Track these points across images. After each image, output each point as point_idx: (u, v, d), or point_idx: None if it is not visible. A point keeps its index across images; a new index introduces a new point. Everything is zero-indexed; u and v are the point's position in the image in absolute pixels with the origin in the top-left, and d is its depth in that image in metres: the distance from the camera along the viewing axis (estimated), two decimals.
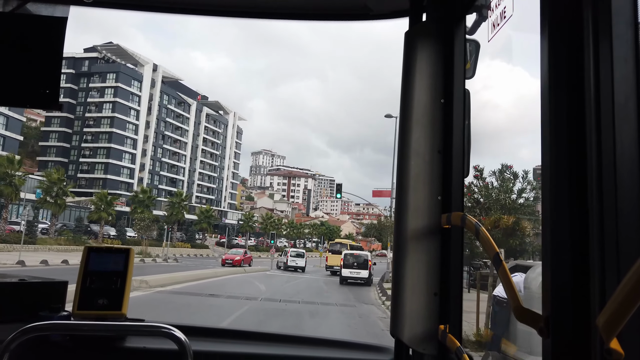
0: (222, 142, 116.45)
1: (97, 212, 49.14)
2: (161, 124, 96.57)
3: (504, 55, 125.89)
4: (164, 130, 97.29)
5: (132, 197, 57.99)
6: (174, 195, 63.01)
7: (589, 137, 0.86)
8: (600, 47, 0.86)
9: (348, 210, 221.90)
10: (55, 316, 1.82)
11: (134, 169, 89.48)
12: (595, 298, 0.83)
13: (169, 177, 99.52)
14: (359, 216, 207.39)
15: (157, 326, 1.54)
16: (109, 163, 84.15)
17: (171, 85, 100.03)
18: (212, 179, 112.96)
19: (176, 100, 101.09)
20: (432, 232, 1.57)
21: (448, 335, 1.44)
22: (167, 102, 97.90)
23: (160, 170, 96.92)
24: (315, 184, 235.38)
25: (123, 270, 1.88)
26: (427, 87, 1.62)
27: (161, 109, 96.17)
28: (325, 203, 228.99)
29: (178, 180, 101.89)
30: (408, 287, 1.55)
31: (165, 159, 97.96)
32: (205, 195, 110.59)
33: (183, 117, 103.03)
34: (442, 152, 1.61)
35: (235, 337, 2.14)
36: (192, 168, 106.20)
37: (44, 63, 1.69)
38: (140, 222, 51.37)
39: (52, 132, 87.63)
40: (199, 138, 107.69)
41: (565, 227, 0.88)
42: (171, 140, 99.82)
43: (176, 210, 60.24)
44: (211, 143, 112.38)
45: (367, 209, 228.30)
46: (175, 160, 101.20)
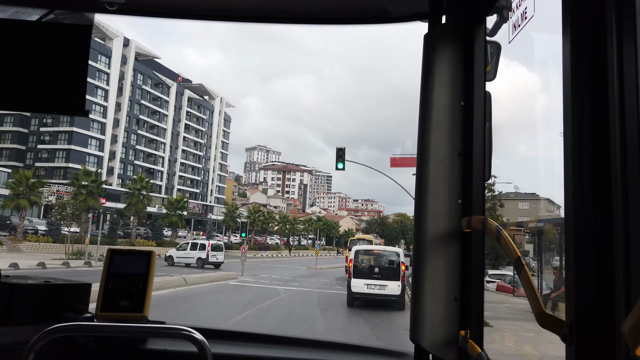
0: (208, 130, 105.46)
1: (12, 200, 37.28)
2: (135, 106, 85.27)
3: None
4: (138, 114, 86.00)
5: (72, 181, 45.73)
6: (132, 182, 50.85)
7: (613, 140, 0.84)
8: (624, 48, 0.84)
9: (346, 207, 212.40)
10: (79, 317, 1.87)
11: (102, 157, 78.28)
12: (621, 303, 0.81)
13: (146, 168, 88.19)
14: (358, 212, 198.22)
15: (177, 328, 1.57)
16: (71, 150, 72.79)
17: (147, 63, 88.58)
18: (196, 170, 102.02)
19: (153, 81, 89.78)
20: (452, 236, 1.56)
21: (469, 341, 1.43)
22: (141, 82, 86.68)
23: (134, 160, 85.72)
24: (312, 179, 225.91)
25: (145, 273, 1.92)
26: (447, 90, 1.62)
27: (135, 90, 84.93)
28: (322, 199, 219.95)
29: (156, 171, 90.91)
30: (428, 291, 1.55)
31: (140, 146, 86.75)
32: (189, 188, 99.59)
33: (161, 100, 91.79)
34: (463, 154, 1.59)
35: (253, 340, 2.16)
36: (172, 158, 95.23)
37: (70, 70, 1.74)
38: (60, 211, 39.03)
39: (5, 114, 75.82)
40: (180, 124, 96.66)
41: (588, 230, 0.87)
42: (147, 125, 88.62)
43: (135, 200, 48.38)
44: (195, 130, 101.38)
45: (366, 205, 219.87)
46: (153, 149, 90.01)
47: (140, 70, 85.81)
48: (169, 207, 57.76)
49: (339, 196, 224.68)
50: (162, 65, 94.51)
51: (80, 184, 43.72)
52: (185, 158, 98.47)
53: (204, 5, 2.07)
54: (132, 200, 49.17)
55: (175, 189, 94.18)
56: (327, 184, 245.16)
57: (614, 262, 0.83)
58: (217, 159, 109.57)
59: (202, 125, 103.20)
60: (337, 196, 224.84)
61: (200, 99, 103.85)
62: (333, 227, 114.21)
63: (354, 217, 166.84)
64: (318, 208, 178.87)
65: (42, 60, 1.74)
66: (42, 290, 2.02)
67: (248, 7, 2.05)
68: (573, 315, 0.87)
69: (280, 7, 2.02)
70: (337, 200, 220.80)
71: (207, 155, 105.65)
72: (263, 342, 2.15)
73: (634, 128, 0.82)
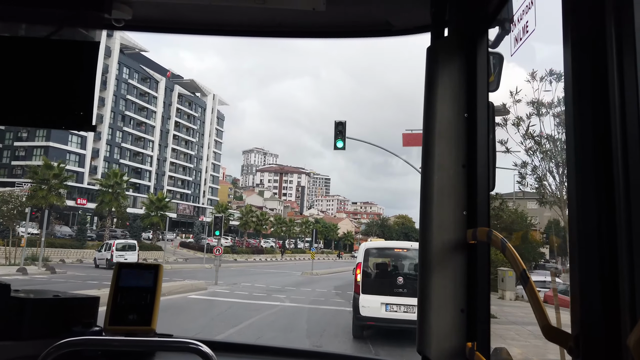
0: (200, 129, 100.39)
1: None
2: (120, 102, 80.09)
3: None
4: (124, 109, 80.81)
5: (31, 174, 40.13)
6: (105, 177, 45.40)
7: (615, 149, 0.85)
8: (625, 59, 0.85)
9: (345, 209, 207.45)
10: (88, 331, 1.89)
11: (84, 155, 72.87)
12: (626, 317, 0.81)
13: (133, 167, 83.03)
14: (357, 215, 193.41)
15: (185, 342, 1.58)
16: (50, 147, 67.40)
17: (133, 57, 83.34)
18: (187, 170, 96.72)
19: (140, 75, 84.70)
20: (457, 247, 1.57)
21: (476, 353, 1.44)
22: (127, 76, 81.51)
23: (120, 158, 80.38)
24: (310, 181, 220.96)
25: (153, 286, 1.94)
26: (451, 101, 1.63)
27: (120, 84, 79.80)
28: (320, 202, 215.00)
29: (144, 171, 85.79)
30: (434, 303, 1.55)
31: (126, 144, 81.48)
32: (180, 189, 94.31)
33: (149, 95, 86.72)
34: (467, 166, 1.61)
35: (261, 352, 2.16)
36: (162, 157, 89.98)
37: (78, 86, 1.78)
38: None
39: None
40: (169, 122, 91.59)
41: (593, 243, 0.87)
42: (134, 122, 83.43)
43: (109, 198, 43.00)
44: (186, 128, 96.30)
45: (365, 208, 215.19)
46: (141, 147, 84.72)
47: (125, 64, 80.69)
48: (149, 207, 52.37)
49: (337, 199, 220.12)
50: (149, 59, 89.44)
51: (40, 178, 38.12)
52: (175, 157, 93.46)
53: (210, 21, 2.10)
54: (104, 198, 43.78)
55: (165, 190, 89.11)
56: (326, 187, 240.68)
57: (619, 276, 0.83)
58: (210, 159, 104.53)
59: (193, 123, 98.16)
60: (335, 199, 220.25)
61: (192, 95, 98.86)
62: (332, 229, 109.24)
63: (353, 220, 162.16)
64: (316, 210, 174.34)
65: (50, 77, 1.77)
66: (51, 304, 2.03)
67: (253, 22, 2.10)
68: (579, 328, 0.86)
69: (284, 21, 2.06)
70: (335, 202, 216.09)
71: (199, 155, 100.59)
72: (271, 354, 2.15)
73: (635, 137, 0.82)
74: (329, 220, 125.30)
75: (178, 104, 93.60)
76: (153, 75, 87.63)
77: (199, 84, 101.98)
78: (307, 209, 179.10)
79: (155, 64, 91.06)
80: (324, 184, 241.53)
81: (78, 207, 63.15)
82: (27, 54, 1.77)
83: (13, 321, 1.87)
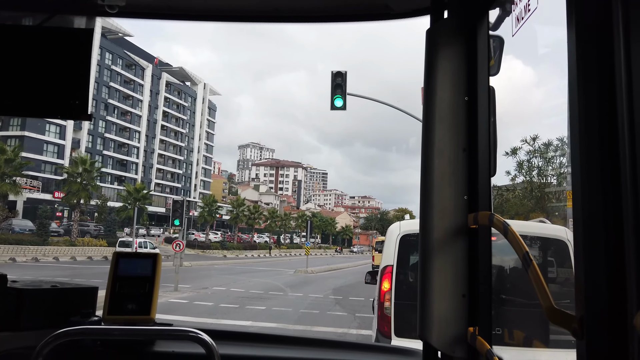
0: (190, 119, 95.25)
1: None
2: (103, 89, 74.82)
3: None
4: (107, 97, 75.49)
5: None
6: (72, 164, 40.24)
7: (622, 133, 0.84)
8: (632, 38, 0.83)
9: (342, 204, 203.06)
10: (87, 321, 1.88)
11: (63, 145, 67.68)
12: (633, 297, 0.80)
13: (117, 159, 78.00)
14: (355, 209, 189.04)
15: (185, 330, 1.60)
16: (25, 136, 62.16)
17: (117, 42, 78.05)
18: (177, 163, 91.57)
19: (124, 61, 79.43)
20: (459, 232, 1.57)
21: (477, 338, 1.43)
22: (110, 61, 76.13)
23: (103, 150, 75.24)
24: (307, 176, 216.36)
25: (151, 276, 1.93)
26: (451, 85, 1.63)
27: (102, 70, 74.50)
28: (317, 197, 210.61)
29: (130, 163, 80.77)
30: (435, 289, 1.55)
31: (110, 134, 76.35)
32: (169, 182, 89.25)
33: (135, 83, 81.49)
34: (467, 150, 1.60)
35: (261, 340, 2.16)
36: (149, 148, 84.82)
37: (73, 74, 1.77)
38: None
39: None
40: (157, 111, 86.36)
41: (598, 223, 0.86)
42: (119, 111, 78.21)
43: (76, 188, 37.89)
44: (175, 119, 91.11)
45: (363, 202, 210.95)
46: (126, 138, 79.53)
47: (108, 49, 75.42)
48: (126, 199, 47.26)
49: (334, 193, 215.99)
50: (134, 45, 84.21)
51: None
52: (164, 149, 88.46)
53: (205, 7, 2.09)
54: (71, 188, 38.67)
55: (152, 183, 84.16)
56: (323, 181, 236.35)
57: (625, 255, 0.82)
58: (201, 151, 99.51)
59: (183, 113, 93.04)
60: (333, 193, 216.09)
61: (181, 84, 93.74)
62: (329, 223, 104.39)
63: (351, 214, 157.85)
64: (313, 205, 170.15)
65: (44, 65, 1.76)
66: (50, 294, 2.02)
67: (249, 7, 2.08)
68: (584, 310, 0.86)
69: (281, 6, 2.04)
70: (333, 197, 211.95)
71: (189, 147, 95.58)
72: (270, 342, 2.14)
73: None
74: (327, 215, 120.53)
75: (166, 93, 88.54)
76: (139, 61, 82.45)
77: (188, 72, 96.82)
78: (304, 204, 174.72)
79: (141, 50, 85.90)
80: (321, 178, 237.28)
81: (55, 200, 58.28)
82: (20, 43, 1.74)
83: (11, 312, 1.86)
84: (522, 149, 30.94)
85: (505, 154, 30.20)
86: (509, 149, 30.71)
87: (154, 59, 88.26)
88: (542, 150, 28.83)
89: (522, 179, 30.78)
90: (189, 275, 24.96)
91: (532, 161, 29.86)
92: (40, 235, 35.64)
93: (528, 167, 30.02)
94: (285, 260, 51.94)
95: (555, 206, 29.41)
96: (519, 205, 30.59)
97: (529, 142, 29.72)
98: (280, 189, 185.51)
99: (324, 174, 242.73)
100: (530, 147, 30.53)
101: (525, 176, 30.43)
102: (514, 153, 30.21)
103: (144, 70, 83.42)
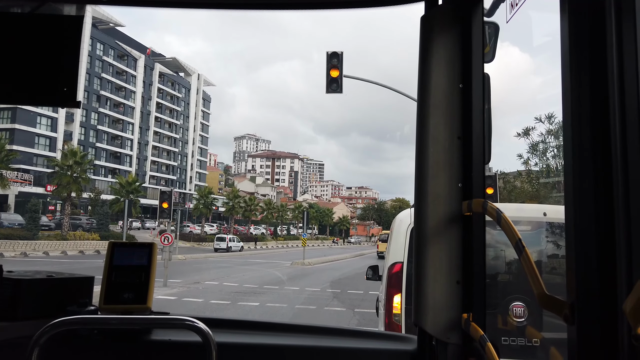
0: (184, 110, 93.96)
1: None
2: (94, 80, 73.45)
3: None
4: (99, 89, 74.17)
5: None
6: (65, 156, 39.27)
7: (613, 116, 0.85)
8: (624, 24, 0.84)
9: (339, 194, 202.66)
10: (83, 310, 1.88)
11: (55, 137, 66.48)
12: (622, 283, 0.81)
13: (111, 151, 76.83)
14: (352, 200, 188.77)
15: (181, 319, 1.62)
16: (15, 129, 60.95)
17: (108, 32, 76.59)
18: (172, 155, 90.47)
19: (116, 52, 77.96)
20: (453, 219, 1.57)
21: (471, 324, 1.45)
22: (101, 52, 74.68)
23: (96, 142, 74.06)
24: (303, 167, 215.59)
25: (147, 265, 1.94)
26: (445, 72, 1.62)
27: (93, 61, 73.12)
28: (314, 187, 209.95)
29: (124, 156, 79.61)
30: (430, 275, 1.57)
31: (103, 126, 75.09)
32: (164, 174, 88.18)
33: (127, 74, 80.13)
34: (462, 138, 1.60)
35: (257, 328, 2.17)
36: (143, 141, 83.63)
37: (62, 62, 1.77)
38: None
39: None
40: (150, 103, 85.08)
41: (590, 210, 0.86)
42: (111, 103, 76.96)
43: (66, 180, 36.97)
44: (169, 110, 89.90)
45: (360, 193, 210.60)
46: (119, 130, 78.34)
47: (99, 39, 73.96)
48: (119, 191, 46.33)
49: (331, 184, 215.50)
50: (126, 35, 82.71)
51: None
52: (158, 141, 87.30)
53: None
54: (62, 180, 37.71)
55: (147, 176, 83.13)
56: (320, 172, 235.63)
57: (615, 242, 0.82)
58: (196, 143, 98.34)
59: (177, 104, 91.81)
60: (329, 184, 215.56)
61: (174, 75, 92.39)
62: (326, 214, 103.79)
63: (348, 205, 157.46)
64: (310, 196, 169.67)
65: (33, 52, 1.75)
66: (46, 284, 2.02)
67: None
68: (575, 296, 0.87)
69: None
70: (329, 188, 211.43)
71: (184, 139, 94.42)
72: (267, 330, 2.15)
73: (633, 104, 0.81)
74: (324, 205, 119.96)
75: (160, 84, 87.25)
76: (131, 52, 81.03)
77: (182, 63, 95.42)
78: (301, 195, 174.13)
79: (133, 41, 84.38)
80: (317, 169, 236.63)
81: (47, 194, 57.33)
82: (9, 30, 1.73)
83: (7, 302, 1.86)
84: (536, 128, 29.17)
85: (517, 134, 28.17)
86: (515, 133, 28.57)
87: (146, 50, 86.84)
88: (556, 132, 26.63)
89: (537, 161, 28.74)
90: (181, 268, 24.17)
91: (548, 142, 27.58)
92: (29, 229, 34.78)
93: (543, 148, 27.88)
94: (282, 252, 51.18)
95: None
96: (532, 193, 28.90)
97: (544, 121, 27.32)
98: (276, 181, 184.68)
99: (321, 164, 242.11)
100: (545, 127, 28.54)
101: (541, 159, 28.32)
102: (526, 134, 27.86)
103: (136, 61, 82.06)
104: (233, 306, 14.12)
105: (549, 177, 28.04)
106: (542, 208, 4.47)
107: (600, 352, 0.85)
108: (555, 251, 4.46)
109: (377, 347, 1.99)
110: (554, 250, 4.51)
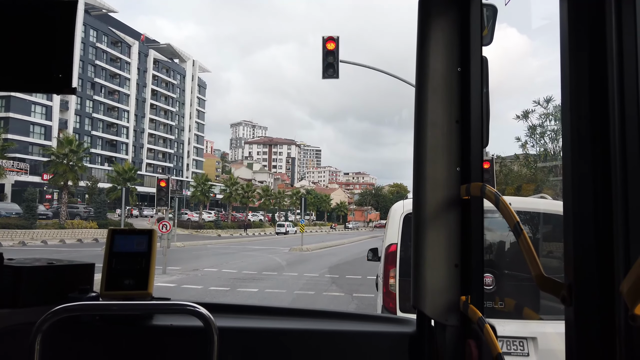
0: (180, 97, 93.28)
1: None
2: (88, 67, 72.74)
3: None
4: (93, 76, 73.47)
5: None
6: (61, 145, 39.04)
7: (612, 99, 0.85)
8: (623, 7, 0.84)
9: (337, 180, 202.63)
10: (84, 297, 1.89)
11: (50, 126, 66.00)
12: (619, 264, 0.82)
13: (107, 139, 76.44)
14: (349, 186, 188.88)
15: (182, 304, 1.64)
16: (10, 118, 60.49)
17: (101, 19, 75.57)
18: (168, 142, 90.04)
19: (109, 39, 77.08)
20: (451, 203, 1.59)
21: (470, 306, 1.48)
22: (95, 39, 73.82)
23: (92, 130, 73.62)
24: (300, 153, 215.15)
25: (147, 251, 1.95)
26: (443, 56, 1.62)
27: (87, 47, 72.31)
28: (311, 174, 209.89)
29: (120, 143, 79.26)
30: (429, 259, 1.59)
31: (98, 114, 74.60)
32: (160, 162, 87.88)
33: (121, 61, 79.35)
34: (460, 121, 1.61)
35: (258, 312, 2.19)
36: (139, 128, 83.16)
37: (56, 48, 1.74)
38: None
39: None
40: (146, 90, 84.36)
41: (588, 192, 0.87)
42: (106, 90, 76.32)
43: (62, 169, 36.84)
44: (164, 97, 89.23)
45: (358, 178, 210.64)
46: (114, 117, 77.84)
47: (92, 26, 73.07)
48: (115, 179, 46.21)
49: (329, 170, 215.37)
50: (119, 21, 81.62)
51: None
52: (154, 128, 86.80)
53: None
54: (58, 169, 37.56)
55: (144, 163, 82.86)
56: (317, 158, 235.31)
57: (612, 223, 0.83)
58: (192, 130, 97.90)
59: (172, 91, 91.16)
60: (327, 170, 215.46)
61: (169, 61, 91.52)
62: (324, 200, 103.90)
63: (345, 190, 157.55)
64: (307, 182, 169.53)
65: (27, 38, 1.72)
66: (47, 271, 2.04)
67: None
68: (572, 277, 0.88)
69: None
70: (327, 174, 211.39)
71: (180, 126, 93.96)
72: (267, 314, 2.17)
73: (632, 87, 0.82)
74: (321, 192, 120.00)
75: (154, 71, 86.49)
76: (124, 38, 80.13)
77: (176, 49, 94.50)
78: (299, 181, 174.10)
79: (127, 27, 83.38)
80: (314, 155, 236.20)
81: (44, 182, 57.12)
82: (1, 16, 1.71)
83: (8, 289, 1.87)
84: (535, 111, 28.89)
85: (516, 117, 28.30)
86: (515, 115, 28.12)
87: (140, 36, 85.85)
88: (555, 114, 26.69)
89: (534, 144, 28.82)
90: (180, 256, 24.18)
91: (546, 125, 27.79)
92: (27, 218, 34.70)
93: (541, 132, 28.06)
94: (279, 239, 51.32)
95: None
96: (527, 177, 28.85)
97: (542, 104, 27.63)
98: (273, 167, 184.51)
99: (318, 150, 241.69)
100: (543, 110, 28.41)
101: (538, 142, 28.45)
102: (525, 117, 27.96)
103: (130, 48, 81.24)
104: (232, 292, 14.16)
105: (547, 161, 27.95)
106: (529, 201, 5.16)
107: (597, 332, 0.85)
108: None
109: (376, 330, 1.99)
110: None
